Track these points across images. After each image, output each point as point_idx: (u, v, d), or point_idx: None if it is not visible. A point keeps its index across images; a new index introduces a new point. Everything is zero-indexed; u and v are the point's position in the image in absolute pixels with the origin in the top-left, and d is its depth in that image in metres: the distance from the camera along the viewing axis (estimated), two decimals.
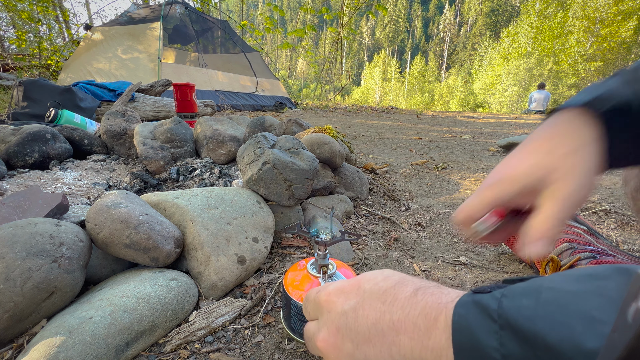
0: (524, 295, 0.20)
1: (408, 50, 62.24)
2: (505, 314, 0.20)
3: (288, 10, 53.99)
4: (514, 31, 20.65)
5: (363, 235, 0.86)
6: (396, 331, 0.24)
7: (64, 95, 2.03)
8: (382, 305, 0.26)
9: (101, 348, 0.43)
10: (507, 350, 0.19)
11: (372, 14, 7.03)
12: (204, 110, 3.00)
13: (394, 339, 0.24)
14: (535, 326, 0.18)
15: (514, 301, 0.20)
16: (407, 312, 0.24)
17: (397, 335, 0.24)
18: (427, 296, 0.25)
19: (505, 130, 3.56)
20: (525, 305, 0.19)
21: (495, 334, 0.20)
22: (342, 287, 0.30)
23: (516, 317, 0.19)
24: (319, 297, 0.31)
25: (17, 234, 0.48)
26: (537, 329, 0.18)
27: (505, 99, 19.17)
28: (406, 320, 0.24)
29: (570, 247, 0.58)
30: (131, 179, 1.02)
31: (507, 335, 0.19)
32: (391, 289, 0.26)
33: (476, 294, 0.22)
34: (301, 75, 33.25)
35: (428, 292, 0.25)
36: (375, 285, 0.28)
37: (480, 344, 0.20)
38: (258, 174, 0.77)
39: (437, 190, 1.26)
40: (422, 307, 0.24)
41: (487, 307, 0.21)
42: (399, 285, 0.27)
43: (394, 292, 0.26)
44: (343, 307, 0.28)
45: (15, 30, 6.92)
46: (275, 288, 0.63)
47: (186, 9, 5.03)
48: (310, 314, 0.33)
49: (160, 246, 0.57)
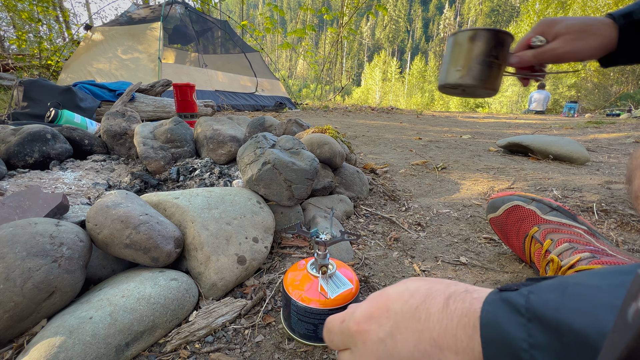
0: (550, 290, 0.21)
1: (408, 50, 62.22)
2: (533, 307, 0.20)
3: (288, 10, 53.98)
4: (514, 31, 20.65)
5: (363, 235, 0.86)
6: (440, 348, 0.24)
7: (64, 95, 2.03)
8: (418, 324, 0.25)
9: (101, 348, 0.43)
10: (535, 340, 0.19)
11: (372, 14, 7.03)
12: (204, 111, 3.00)
13: (439, 356, 0.24)
14: (561, 315, 0.19)
15: (540, 296, 0.21)
16: (445, 326, 0.24)
17: (442, 351, 0.23)
18: (459, 303, 0.24)
19: (505, 130, 3.56)
20: (552, 299, 0.20)
21: (523, 326, 0.20)
22: (369, 312, 0.28)
23: (543, 309, 0.20)
24: (349, 328, 0.29)
25: (17, 234, 0.48)
26: (563, 318, 0.19)
27: (505, 99, 19.17)
28: (446, 334, 0.23)
29: (570, 247, 0.58)
30: (131, 179, 1.02)
31: (535, 327, 0.20)
32: (422, 304, 0.26)
33: (503, 292, 0.23)
34: (301, 75, 33.25)
35: (459, 298, 0.24)
36: (404, 304, 0.26)
37: (508, 336, 0.20)
38: (258, 174, 0.77)
39: (437, 190, 1.26)
40: (459, 317, 0.23)
41: (515, 303, 0.21)
42: (429, 299, 0.26)
43: (426, 307, 0.25)
44: (378, 335, 0.26)
45: (15, 30, 6.92)
46: (275, 288, 0.63)
47: (186, 9, 5.03)
48: (337, 344, 0.31)
49: (160, 246, 0.57)
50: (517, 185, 1.27)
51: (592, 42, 0.54)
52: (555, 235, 0.62)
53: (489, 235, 0.87)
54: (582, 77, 16.03)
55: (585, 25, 0.55)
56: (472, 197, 1.16)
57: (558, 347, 0.19)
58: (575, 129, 3.58)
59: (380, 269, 0.71)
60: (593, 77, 15.91)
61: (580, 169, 1.57)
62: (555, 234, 0.62)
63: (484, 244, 0.83)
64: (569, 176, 1.40)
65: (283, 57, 33.34)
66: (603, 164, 1.69)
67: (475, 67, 0.58)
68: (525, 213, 0.69)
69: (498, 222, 0.74)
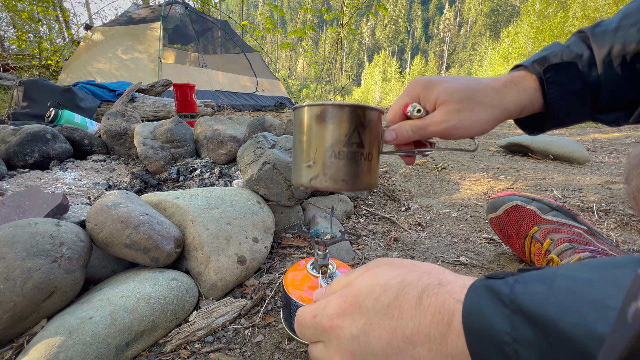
0: (537, 281, 0.20)
1: (408, 50, 62.23)
2: (517, 299, 0.20)
3: (288, 10, 54.00)
4: (514, 31, 20.65)
5: (363, 235, 0.86)
6: (412, 344, 0.24)
7: (64, 95, 2.03)
8: (391, 320, 0.25)
9: (101, 348, 0.43)
10: (519, 334, 0.19)
11: (372, 14, 7.02)
12: (204, 111, 3.00)
13: (412, 352, 0.24)
14: (547, 312, 0.18)
15: (526, 287, 0.20)
16: (418, 323, 0.24)
17: (415, 348, 0.24)
18: (432, 298, 0.24)
19: (505, 130, 3.56)
20: (538, 292, 0.19)
21: (507, 317, 0.19)
22: (341, 308, 0.28)
23: (528, 302, 0.19)
24: (322, 323, 0.29)
25: (17, 234, 0.48)
26: (549, 315, 0.18)
27: None
28: (419, 331, 0.23)
29: (570, 247, 0.58)
30: (131, 179, 1.02)
31: (518, 320, 0.19)
32: (394, 301, 0.26)
33: (489, 279, 0.22)
34: (301, 75, 33.25)
35: (432, 293, 0.24)
36: (377, 301, 0.26)
37: (491, 327, 0.20)
38: (258, 174, 0.77)
39: (437, 190, 1.26)
40: (432, 313, 0.23)
41: (499, 292, 0.21)
42: (401, 296, 0.26)
43: (399, 304, 0.25)
44: (351, 331, 0.27)
45: (15, 30, 6.93)
46: (275, 288, 0.63)
47: (186, 9, 5.03)
48: (309, 337, 0.31)
49: (160, 246, 0.57)
50: (517, 185, 1.27)
51: (480, 114, 0.41)
52: (556, 235, 0.62)
53: (489, 235, 0.87)
54: None
55: (469, 91, 0.41)
56: (472, 197, 1.16)
57: (543, 344, 0.18)
58: (575, 128, 3.58)
59: None
60: None
61: (580, 169, 1.57)
62: (556, 233, 0.62)
63: (484, 244, 0.83)
64: (569, 176, 1.40)
65: (283, 57, 33.36)
66: (603, 164, 1.69)
67: (332, 162, 0.40)
68: (525, 213, 0.69)
69: (498, 222, 0.74)
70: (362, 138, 0.40)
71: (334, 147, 0.39)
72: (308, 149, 0.41)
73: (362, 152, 0.40)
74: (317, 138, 0.40)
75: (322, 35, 31.61)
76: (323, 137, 0.39)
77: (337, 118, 0.39)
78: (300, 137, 0.41)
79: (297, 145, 0.43)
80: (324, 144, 0.39)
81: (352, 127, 0.39)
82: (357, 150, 0.40)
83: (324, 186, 0.41)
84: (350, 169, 0.40)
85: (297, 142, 0.42)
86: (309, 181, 0.41)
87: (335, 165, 0.40)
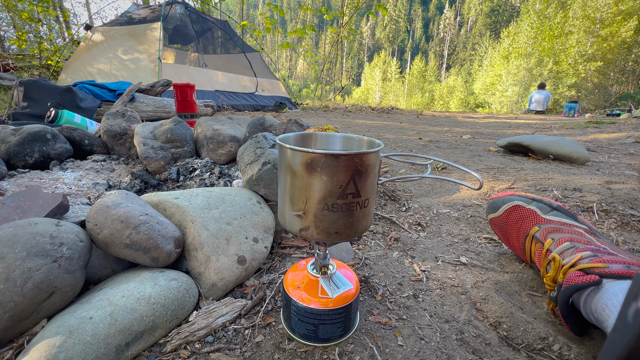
0: None
1: (408, 50, 62.23)
2: None
3: (288, 10, 54.00)
4: (514, 31, 20.64)
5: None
6: None
7: (64, 95, 2.03)
8: None
9: (101, 348, 0.43)
10: None
11: (372, 14, 7.03)
12: (204, 111, 3.00)
13: None
14: None
15: None
16: None
17: None
18: None
19: (505, 130, 3.55)
20: None
21: None
22: None
23: None
24: None
25: (18, 234, 0.48)
26: None
27: (506, 99, 19.16)
28: None
29: (571, 246, 0.58)
30: (131, 179, 1.02)
31: None
32: None
33: None
34: (301, 75, 33.25)
35: None
36: None
37: None
38: (258, 174, 0.77)
39: (437, 190, 1.26)
40: None
41: None
42: None
43: None
44: None
45: (15, 30, 6.93)
46: (275, 288, 0.63)
47: (186, 9, 5.03)
48: None
49: (160, 246, 0.57)
50: (517, 185, 1.27)
51: None
52: (556, 234, 0.62)
53: (489, 235, 0.87)
54: (582, 77, 16.01)
55: None
56: (472, 197, 1.16)
57: None
58: (575, 129, 3.58)
59: (380, 269, 0.71)
60: (593, 77, 15.89)
61: (581, 169, 1.57)
62: (556, 233, 0.62)
63: (484, 244, 0.83)
64: (569, 176, 1.40)
65: (283, 57, 33.35)
66: (603, 164, 1.69)
67: (324, 215, 0.36)
68: (525, 213, 0.69)
69: (498, 222, 0.74)
70: (358, 188, 0.35)
71: (327, 200, 0.34)
72: (297, 197, 0.36)
73: (358, 202, 0.36)
74: (307, 188, 0.35)
75: (322, 35, 31.59)
76: (314, 188, 0.34)
77: (330, 169, 0.33)
78: (288, 180, 0.37)
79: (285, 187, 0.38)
80: (316, 195, 0.34)
81: (348, 177, 0.34)
82: (352, 201, 0.36)
83: (316, 239, 0.38)
84: (344, 221, 0.37)
85: (284, 184, 0.38)
86: (299, 231, 0.38)
87: (328, 219, 0.36)
